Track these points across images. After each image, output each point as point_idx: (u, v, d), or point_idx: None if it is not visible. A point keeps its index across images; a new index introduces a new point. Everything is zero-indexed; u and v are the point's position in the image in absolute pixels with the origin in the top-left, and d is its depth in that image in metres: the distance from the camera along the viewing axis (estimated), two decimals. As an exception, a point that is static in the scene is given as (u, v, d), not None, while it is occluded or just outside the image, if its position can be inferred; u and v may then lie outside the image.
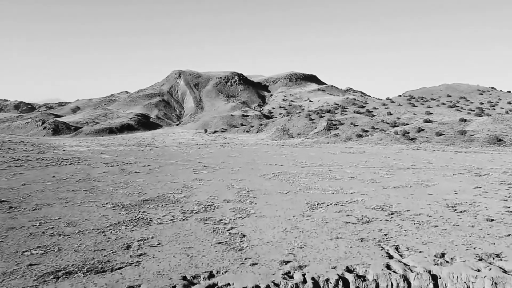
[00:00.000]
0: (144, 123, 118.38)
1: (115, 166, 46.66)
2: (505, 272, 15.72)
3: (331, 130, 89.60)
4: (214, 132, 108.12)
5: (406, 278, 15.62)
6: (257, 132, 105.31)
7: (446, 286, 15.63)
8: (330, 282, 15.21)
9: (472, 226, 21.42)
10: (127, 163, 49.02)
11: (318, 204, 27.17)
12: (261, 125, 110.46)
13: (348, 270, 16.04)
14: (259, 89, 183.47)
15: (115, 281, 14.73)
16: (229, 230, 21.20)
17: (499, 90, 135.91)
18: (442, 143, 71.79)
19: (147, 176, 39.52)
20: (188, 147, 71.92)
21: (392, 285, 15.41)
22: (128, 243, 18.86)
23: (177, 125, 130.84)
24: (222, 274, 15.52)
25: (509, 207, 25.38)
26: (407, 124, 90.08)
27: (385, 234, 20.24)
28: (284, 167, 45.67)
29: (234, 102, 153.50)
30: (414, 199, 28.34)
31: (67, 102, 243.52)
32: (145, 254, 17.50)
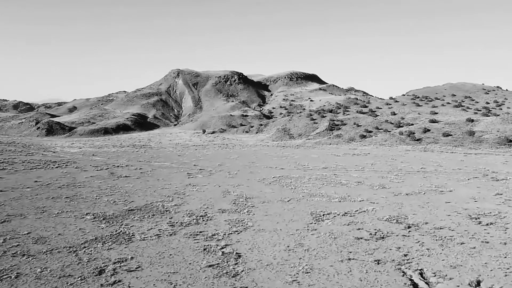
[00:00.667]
0: (141, 123, 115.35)
1: (105, 169, 43.73)
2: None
3: (334, 130, 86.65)
4: (213, 132, 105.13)
5: (437, 316, 12.69)
6: (256, 132, 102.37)
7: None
8: (345, 322, 12.28)
9: (504, 244, 18.47)
10: (118, 166, 46.08)
11: (324, 214, 24.24)
12: (261, 125, 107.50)
13: (365, 304, 13.12)
14: (259, 88, 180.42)
15: (76, 322, 11.78)
16: (222, 248, 18.26)
17: (505, 90, 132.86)
18: (449, 144, 68.82)
19: (137, 180, 36.59)
20: (184, 149, 68.99)
21: (421, 325, 12.48)
22: (101, 267, 15.90)
23: (175, 125, 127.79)
24: (211, 311, 12.59)
25: (541, 219, 22.45)
26: (412, 124, 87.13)
27: (404, 255, 17.29)
28: (285, 171, 42.73)
29: (233, 101, 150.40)
30: (431, 209, 25.40)
31: (66, 102, 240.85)
32: (119, 282, 14.54)
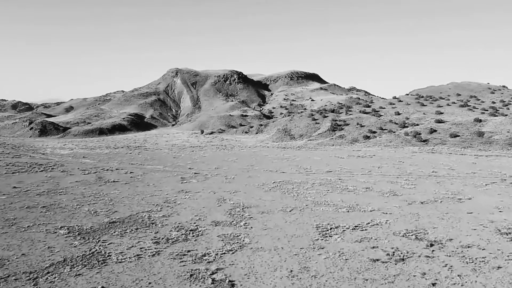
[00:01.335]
0: (137, 124, 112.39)
1: (93, 173, 40.76)
2: None
3: (336, 131, 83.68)
4: (211, 133, 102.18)
5: None
6: (256, 133, 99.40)
7: None
8: None
9: (549, 268, 15.50)
10: (108, 170, 43.11)
11: (331, 228, 21.27)
12: (261, 125, 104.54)
13: None
14: (259, 88, 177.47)
15: None
16: (212, 274, 15.29)
17: (511, 89, 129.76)
18: (458, 146, 65.80)
19: (126, 186, 33.62)
20: (180, 150, 66.02)
21: None
22: (62, 301, 12.97)
23: (172, 125, 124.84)
24: None
25: None
26: (417, 124, 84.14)
27: (432, 283, 14.32)
28: (286, 175, 39.76)
29: (233, 101, 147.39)
30: (452, 221, 22.41)
31: (64, 102, 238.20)
32: (80, 325, 11.60)
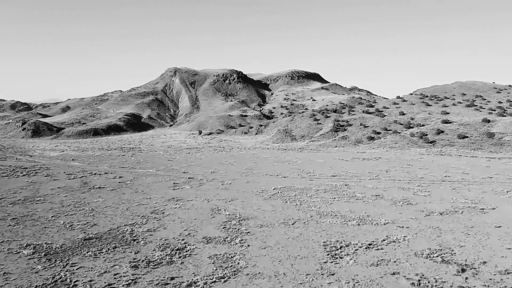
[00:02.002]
0: (134, 124, 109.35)
1: (79, 178, 37.76)
2: None
3: (339, 131, 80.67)
4: (209, 133, 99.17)
5: None
6: (256, 133, 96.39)
7: None
8: None
9: None
10: (95, 174, 40.10)
11: (341, 247, 18.27)
12: (260, 126, 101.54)
13: None
14: (259, 87, 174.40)
15: None
16: (198, 313, 12.31)
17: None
18: (467, 147, 62.76)
19: (112, 193, 30.62)
20: (176, 152, 63.04)
21: None
22: None
23: (170, 126, 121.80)
24: None
25: None
26: (423, 125, 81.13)
27: (476, 329, 11.33)
28: (288, 180, 36.75)
29: (232, 101, 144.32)
30: (480, 238, 19.40)
31: (61, 102, 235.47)
32: None
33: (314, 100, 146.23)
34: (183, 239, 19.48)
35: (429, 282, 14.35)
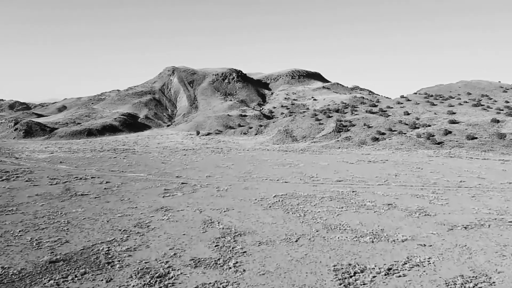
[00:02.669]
0: (130, 124, 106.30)
1: (62, 183, 34.73)
2: None
3: (341, 132, 77.63)
4: (208, 134, 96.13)
5: None
6: (256, 134, 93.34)
7: None
8: None
9: None
10: (81, 178, 37.08)
11: (355, 272, 15.26)
12: (260, 126, 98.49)
13: None
14: (259, 87, 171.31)
15: None
16: None
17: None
18: (477, 149, 59.72)
19: (94, 202, 27.59)
20: (172, 154, 60.01)
21: None
22: None
23: (168, 126, 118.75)
24: None
25: None
26: (429, 125, 78.09)
27: None
28: (289, 185, 33.71)
29: (231, 100, 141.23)
30: (520, 260, 16.38)
31: (57, 102, 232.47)
32: None
33: (315, 99, 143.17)
34: (167, 262, 16.45)
35: (471, 326, 11.34)
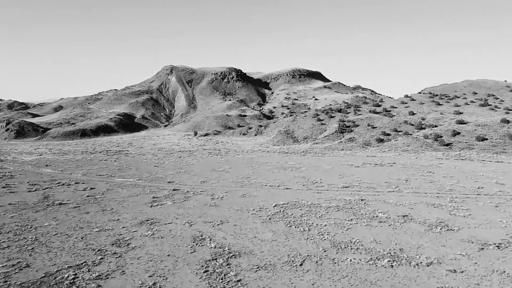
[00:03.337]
0: (126, 124, 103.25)
1: (41, 190, 31.72)
2: None
3: (345, 133, 74.60)
4: (206, 134, 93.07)
5: None
6: (255, 134, 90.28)
7: None
8: None
9: None
10: (64, 184, 34.06)
11: (376, 312, 12.21)
12: (260, 126, 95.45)
13: None
14: (259, 86, 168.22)
15: None
16: None
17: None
18: (489, 151, 56.69)
19: (72, 213, 24.55)
20: (166, 156, 56.99)
21: None
22: None
23: (165, 126, 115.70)
24: None
25: None
26: (436, 125, 75.07)
27: None
28: (291, 192, 30.68)
29: (230, 100, 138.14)
30: None
31: (55, 101, 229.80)
32: None
33: (316, 99, 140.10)
34: (143, 295, 13.42)
35: None
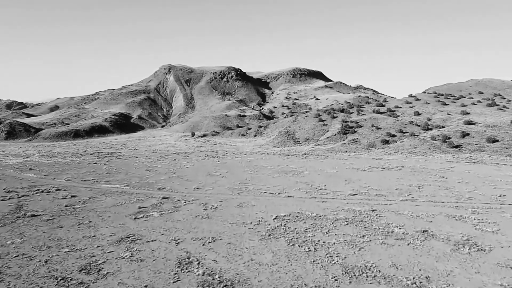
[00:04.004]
0: (121, 125, 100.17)
1: (16, 198, 28.69)
2: None
3: (348, 134, 71.53)
4: (203, 135, 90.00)
5: None
6: (255, 135, 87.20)
7: None
8: None
9: None
10: (43, 191, 31.03)
11: None
12: (260, 127, 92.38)
13: None
14: (259, 86, 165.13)
15: None
16: None
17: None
18: (501, 153, 53.62)
19: (43, 227, 21.50)
20: (160, 158, 53.94)
21: None
22: None
23: (162, 126, 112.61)
24: None
25: None
26: (443, 126, 71.96)
27: None
28: (293, 201, 27.63)
29: (230, 100, 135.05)
30: None
31: (52, 101, 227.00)
32: None
33: (317, 99, 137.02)
34: None
35: None
